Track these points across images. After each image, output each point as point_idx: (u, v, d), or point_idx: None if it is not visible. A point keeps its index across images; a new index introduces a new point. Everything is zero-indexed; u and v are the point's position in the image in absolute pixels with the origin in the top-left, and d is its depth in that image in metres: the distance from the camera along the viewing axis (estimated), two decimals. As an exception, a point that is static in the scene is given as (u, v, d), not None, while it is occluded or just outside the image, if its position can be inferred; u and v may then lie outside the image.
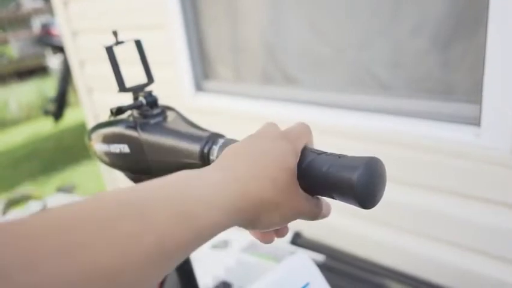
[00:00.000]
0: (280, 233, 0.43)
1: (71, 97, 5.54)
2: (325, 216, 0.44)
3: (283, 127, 0.45)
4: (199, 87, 1.71)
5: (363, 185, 0.36)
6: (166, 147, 0.56)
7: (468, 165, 1.03)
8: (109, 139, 0.62)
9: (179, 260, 0.29)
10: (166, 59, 1.72)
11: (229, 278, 1.10)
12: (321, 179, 0.39)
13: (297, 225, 1.46)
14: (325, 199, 0.44)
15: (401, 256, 1.24)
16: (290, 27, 1.41)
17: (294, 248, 1.23)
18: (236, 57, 1.63)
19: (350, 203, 0.38)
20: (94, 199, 0.27)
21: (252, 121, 1.54)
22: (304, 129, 0.43)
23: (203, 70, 1.71)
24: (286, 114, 1.40)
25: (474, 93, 1.00)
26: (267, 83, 1.55)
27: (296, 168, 0.39)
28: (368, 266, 1.12)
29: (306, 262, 0.69)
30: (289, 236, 1.26)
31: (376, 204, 0.38)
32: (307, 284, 0.67)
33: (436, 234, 1.17)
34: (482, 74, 0.93)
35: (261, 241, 0.41)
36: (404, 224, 1.23)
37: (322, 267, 0.99)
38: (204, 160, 0.51)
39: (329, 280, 0.68)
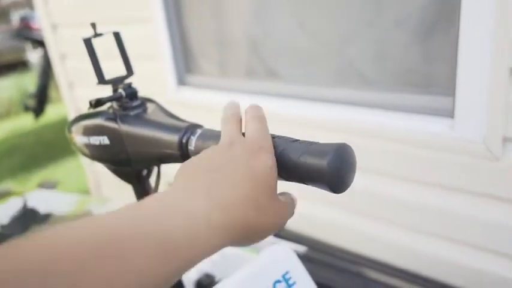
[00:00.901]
0: None
1: (52, 92, 5.45)
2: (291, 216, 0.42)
3: (268, 120, 0.43)
4: (182, 82, 1.70)
5: (333, 170, 0.38)
6: (146, 138, 0.56)
7: (443, 157, 1.06)
8: (89, 131, 0.62)
9: None
10: (149, 53, 1.71)
11: (212, 270, 1.11)
12: (293, 166, 0.40)
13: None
14: (291, 195, 0.45)
15: (380, 246, 1.27)
16: (273, 21, 1.42)
17: (276, 239, 1.24)
18: (219, 52, 1.63)
19: (321, 188, 0.39)
20: (72, 236, 0.27)
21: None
22: (262, 127, 0.41)
23: (186, 64, 1.71)
24: (270, 108, 1.40)
25: (448, 86, 1.03)
26: (250, 77, 1.56)
27: (276, 184, 0.39)
28: (348, 256, 1.14)
29: (285, 251, 0.70)
30: (271, 228, 1.28)
31: (347, 188, 0.40)
32: (286, 272, 0.68)
33: (413, 224, 1.20)
34: (455, 67, 0.95)
35: None
36: (383, 214, 1.26)
37: (303, 258, 1.01)
38: (183, 150, 0.52)
39: (310, 270, 0.70)
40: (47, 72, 4.69)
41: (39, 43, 4.65)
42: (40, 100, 4.80)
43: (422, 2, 1.08)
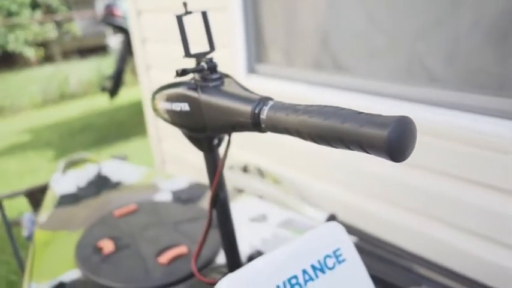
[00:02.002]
0: None
1: (126, 77, 5.80)
2: None
3: None
4: (251, 70, 1.77)
5: (393, 140, 0.41)
6: (222, 107, 0.62)
7: None
8: (172, 98, 0.70)
9: None
10: (222, 40, 1.80)
11: (264, 248, 1.16)
12: (356, 135, 0.44)
13: (332, 207, 1.50)
14: None
15: (433, 245, 1.26)
16: (346, 14, 1.44)
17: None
18: (289, 42, 1.68)
19: (381, 157, 0.43)
20: None
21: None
22: None
23: (257, 53, 1.77)
24: (335, 101, 1.44)
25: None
26: (319, 69, 1.59)
27: None
28: (398, 251, 1.15)
29: (337, 229, 0.73)
30: (323, 217, 1.31)
31: (405, 159, 0.43)
32: (337, 249, 0.72)
33: (468, 226, 1.18)
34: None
35: None
36: (438, 214, 1.25)
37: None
38: (255, 119, 0.57)
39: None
40: (124, 57, 5.01)
41: (120, 29, 4.97)
42: (116, 83, 5.12)
43: (502, 4, 1.06)
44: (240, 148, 1.88)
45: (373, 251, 1.12)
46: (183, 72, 0.64)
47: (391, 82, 1.33)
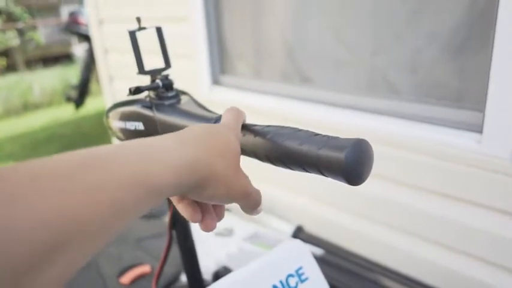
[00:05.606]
0: (218, 213, 0.47)
1: (92, 86, 5.66)
2: (259, 210, 0.46)
3: (295, 123, 0.48)
4: (216, 81, 1.76)
5: (350, 163, 0.40)
6: (178, 126, 0.60)
7: (469, 171, 1.05)
8: (126, 117, 0.67)
9: (136, 215, 0.32)
10: (186, 52, 1.78)
11: (230, 264, 1.14)
12: (314, 157, 0.43)
13: (299, 219, 1.50)
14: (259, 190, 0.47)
15: (397, 256, 1.27)
16: (310, 28, 1.45)
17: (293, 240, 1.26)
18: (254, 54, 1.68)
19: (338, 180, 0.42)
20: (65, 154, 0.30)
21: (266, 116, 1.59)
22: (236, 118, 0.49)
23: (221, 65, 1.76)
24: (299, 112, 1.44)
25: (478, 101, 1.03)
26: (283, 81, 1.59)
27: (239, 157, 0.44)
28: (364, 263, 1.15)
29: (300, 248, 0.72)
30: (290, 229, 1.30)
31: (362, 182, 0.42)
32: (300, 268, 0.70)
33: (431, 237, 1.20)
34: (487, 83, 0.95)
35: (188, 219, 0.43)
36: (402, 224, 1.26)
37: (320, 260, 1.02)
38: None
39: (326, 273, 0.71)
40: (89, 66, 4.89)
41: (85, 38, 4.86)
42: (81, 92, 5.00)
43: (457, 18, 1.09)
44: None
45: (340, 263, 1.12)
46: (137, 90, 0.62)
47: (355, 94, 1.34)
